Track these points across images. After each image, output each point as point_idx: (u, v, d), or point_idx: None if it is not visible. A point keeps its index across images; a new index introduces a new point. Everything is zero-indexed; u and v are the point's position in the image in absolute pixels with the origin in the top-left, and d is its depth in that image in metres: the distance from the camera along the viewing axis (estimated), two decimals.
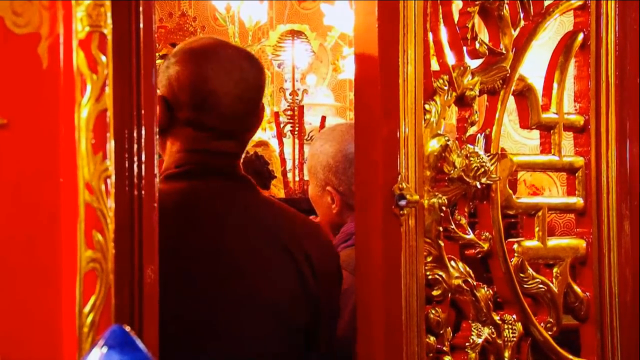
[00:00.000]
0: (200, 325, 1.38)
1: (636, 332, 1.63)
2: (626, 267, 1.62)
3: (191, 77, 1.44)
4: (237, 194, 1.48)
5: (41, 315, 0.95)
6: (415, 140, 1.38)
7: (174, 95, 1.45)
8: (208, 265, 1.40)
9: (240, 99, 1.45)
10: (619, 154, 1.62)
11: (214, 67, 1.45)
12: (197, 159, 1.45)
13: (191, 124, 1.44)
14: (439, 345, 1.41)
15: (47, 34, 0.95)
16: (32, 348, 0.95)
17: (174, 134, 1.47)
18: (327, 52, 4.78)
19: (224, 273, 1.41)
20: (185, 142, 1.46)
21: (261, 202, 1.51)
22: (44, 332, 0.95)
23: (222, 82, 1.44)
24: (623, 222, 1.62)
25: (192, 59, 1.47)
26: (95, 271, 0.93)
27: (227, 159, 1.48)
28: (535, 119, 1.59)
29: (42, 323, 0.95)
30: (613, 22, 1.63)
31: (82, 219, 0.93)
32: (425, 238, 1.40)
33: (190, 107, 1.44)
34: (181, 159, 1.46)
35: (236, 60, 1.48)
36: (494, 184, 1.48)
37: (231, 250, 1.42)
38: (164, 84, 1.47)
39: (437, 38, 1.45)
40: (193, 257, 1.40)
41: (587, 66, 1.63)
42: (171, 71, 1.46)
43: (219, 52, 1.49)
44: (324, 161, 1.89)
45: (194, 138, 1.45)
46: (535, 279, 1.54)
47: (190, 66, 1.46)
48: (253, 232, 1.45)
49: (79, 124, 0.93)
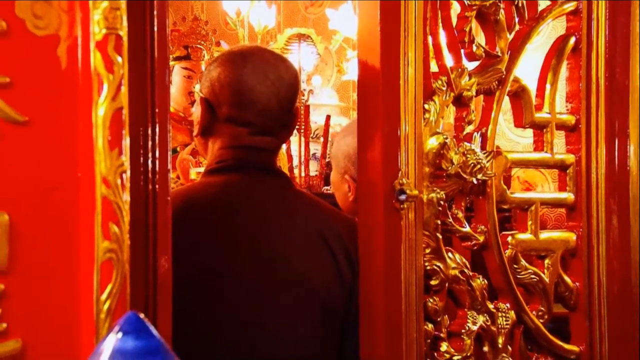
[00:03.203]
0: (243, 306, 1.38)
1: (623, 321, 1.63)
2: (614, 259, 1.62)
3: (230, 77, 1.46)
4: (273, 186, 1.49)
5: (61, 302, 0.95)
6: (415, 138, 1.38)
7: (215, 96, 1.47)
8: (246, 253, 1.40)
9: (276, 97, 1.46)
10: (608, 152, 1.62)
11: (252, 67, 1.46)
12: (236, 155, 1.46)
13: (231, 120, 1.46)
14: (436, 332, 1.41)
15: (66, 36, 0.95)
16: (52, 333, 0.95)
17: (215, 132, 1.49)
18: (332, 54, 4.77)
19: (262, 260, 1.40)
20: (225, 139, 1.47)
21: (296, 194, 1.52)
22: (63, 319, 0.95)
23: (259, 81, 1.45)
24: (611, 216, 1.62)
25: (232, 61, 1.49)
26: (111, 261, 0.93)
27: (264, 154, 1.49)
28: (529, 118, 1.59)
29: (61, 310, 0.95)
30: (603, 26, 1.62)
31: (99, 212, 0.93)
32: (424, 231, 1.39)
33: (230, 104, 1.46)
34: (222, 155, 1.47)
35: (272, 62, 1.50)
36: (489, 180, 1.48)
37: (268, 239, 1.42)
38: (207, 86, 1.49)
39: (436, 41, 1.45)
40: (231, 246, 1.40)
41: (579, 68, 1.63)
42: (213, 73, 1.48)
43: (256, 55, 1.51)
44: (345, 151, 1.90)
45: (234, 134, 1.46)
46: (528, 270, 1.54)
47: (230, 67, 1.48)
48: (290, 222, 1.46)
49: (96, 121, 0.93)
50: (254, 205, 1.45)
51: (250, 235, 1.41)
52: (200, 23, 3.74)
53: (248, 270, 1.39)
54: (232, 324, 1.36)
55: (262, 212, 1.44)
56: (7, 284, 0.92)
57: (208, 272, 1.37)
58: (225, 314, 1.36)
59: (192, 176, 2.98)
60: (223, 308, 1.35)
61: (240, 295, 1.38)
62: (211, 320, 1.35)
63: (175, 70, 3.48)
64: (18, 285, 0.93)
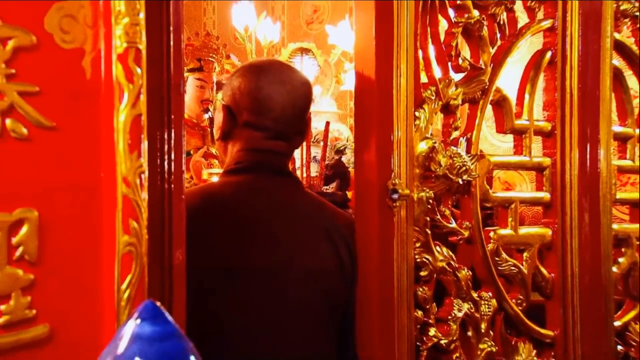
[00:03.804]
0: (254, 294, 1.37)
1: (593, 308, 1.63)
2: (586, 252, 1.62)
3: (250, 86, 1.45)
4: (285, 187, 1.48)
5: (85, 291, 0.94)
6: (407, 143, 1.38)
7: (236, 103, 1.46)
8: (258, 246, 1.40)
9: (290, 105, 1.45)
10: (581, 156, 1.62)
11: (269, 78, 1.46)
12: (252, 157, 1.45)
13: (249, 125, 1.45)
14: (425, 318, 1.41)
15: (90, 49, 0.94)
16: (77, 319, 0.94)
17: (235, 136, 1.47)
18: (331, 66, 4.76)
19: (272, 252, 1.40)
20: (244, 142, 1.46)
21: (305, 195, 1.52)
22: (87, 306, 0.94)
23: (275, 90, 1.44)
24: (583, 213, 1.62)
25: (252, 72, 1.48)
26: (131, 254, 0.93)
27: (278, 157, 1.48)
28: (509, 125, 1.58)
29: (86, 298, 0.94)
30: (576, 42, 1.62)
31: (120, 209, 0.92)
32: (415, 226, 1.39)
33: (249, 110, 1.45)
34: (240, 157, 1.46)
35: (288, 74, 1.50)
36: (473, 181, 1.47)
37: (279, 233, 1.42)
38: (229, 95, 1.49)
39: (425, 54, 1.44)
40: (245, 239, 1.39)
41: (554, 80, 1.63)
42: (234, 83, 1.48)
43: (274, 67, 1.51)
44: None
45: (251, 138, 1.45)
46: (508, 262, 1.53)
47: (250, 77, 1.47)
48: (297, 219, 1.45)
49: (117, 126, 0.93)
50: (267, 203, 1.44)
51: (262, 229, 1.41)
52: (212, 38, 3.74)
53: (259, 261, 1.39)
54: (243, 312, 1.35)
55: (274, 209, 1.44)
56: (37, 275, 0.92)
57: (223, 261, 1.36)
58: (237, 301, 1.35)
59: (204, 176, 2.98)
60: (236, 295, 1.35)
61: (252, 283, 1.38)
62: (224, 308, 1.34)
63: (189, 81, 3.48)
64: (46, 275, 0.92)
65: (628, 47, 1.79)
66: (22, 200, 0.91)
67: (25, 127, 0.91)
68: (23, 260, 0.91)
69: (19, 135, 0.91)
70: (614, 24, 1.70)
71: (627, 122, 1.79)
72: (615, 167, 1.71)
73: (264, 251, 1.39)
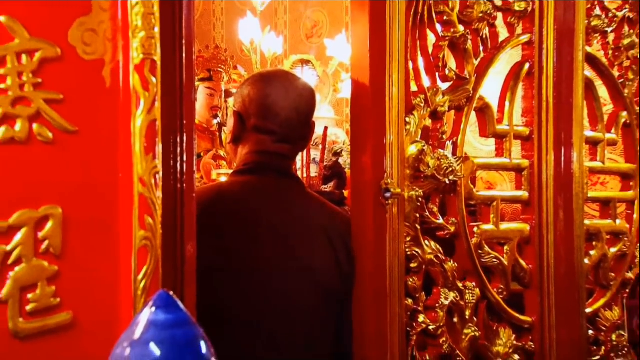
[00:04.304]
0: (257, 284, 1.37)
1: (567, 296, 1.62)
2: (561, 246, 1.61)
3: (259, 94, 1.45)
4: (287, 187, 1.47)
5: (105, 281, 0.94)
6: (398, 146, 1.37)
7: (245, 109, 1.46)
8: (261, 240, 1.39)
9: (295, 111, 1.45)
10: (556, 158, 1.62)
11: (276, 86, 1.45)
12: (259, 158, 1.44)
13: (257, 129, 1.44)
14: (415, 306, 1.40)
15: (109, 60, 0.94)
16: (97, 307, 0.94)
17: (244, 140, 1.47)
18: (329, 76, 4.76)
19: (274, 246, 1.39)
20: (252, 145, 1.46)
21: (306, 195, 1.51)
22: (106, 295, 0.94)
23: (281, 97, 1.44)
24: (558, 210, 1.62)
25: (260, 81, 1.48)
26: (146, 247, 0.92)
27: (282, 159, 1.47)
28: (492, 129, 1.58)
29: (105, 287, 0.94)
30: (552, 55, 1.62)
31: (136, 206, 0.92)
32: (405, 222, 1.39)
33: (257, 116, 1.44)
34: (248, 158, 1.46)
35: (293, 83, 1.49)
36: (459, 181, 1.47)
37: (280, 229, 1.41)
38: (239, 102, 1.48)
39: (415, 65, 1.44)
40: (249, 233, 1.39)
41: (532, 89, 1.62)
42: (244, 91, 1.47)
43: (280, 76, 1.51)
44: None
45: (259, 141, 1.44)
46: (490, 255, 1.53)
47: (259, 85, 1.47)
48: (298, 216, 1.44)
49: (134, 131, 0.92)
50: (270, 201, 1.43)
51: (266, 225, 1.40)
52: (221, 51, 3.74)
53: (259, 254, 1.38)
54: (241, 301, 1.34)
55: (275, 207, 1.43)
56: (61, 266, 0.91)
57: (228, 252, 1.36)
58: (237, 291, 1.34)
59: (213, 176, 2.97)
60: (236, 285, 1.34)
61: (252, 274, 1.37)
62: (224, 296, 1.34)
63: (200, 89, 3.47)
64: (69, 267, 0.92)
65: (598, 59, 1.79)
66: (47, 198, 0.91)
67: (51, 131, 0.91)
68: (48, 253, 0.91)
69: (44, 139, 0.91)
70: (586, 39, 1.70)
71: (598, 127, 1.79)
72: (587, 169, 1.71)
73: (265, 246, 1.38)
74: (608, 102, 1.85)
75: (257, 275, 1.36)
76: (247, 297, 1.35)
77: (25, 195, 0.89)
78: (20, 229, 0.89)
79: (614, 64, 1.83)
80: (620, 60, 1.84)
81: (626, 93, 1.83)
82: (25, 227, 0.89)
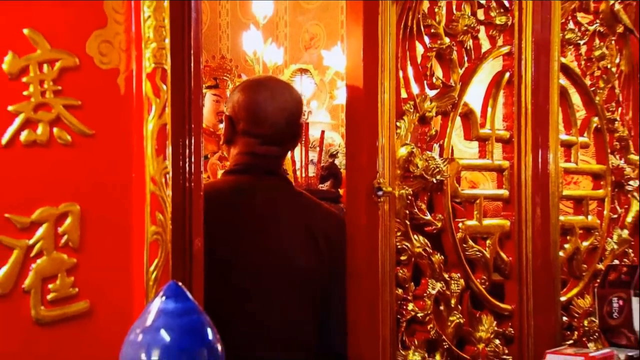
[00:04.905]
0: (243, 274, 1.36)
1: (543, 286, 1.62)
2: (538, 240, 1.61)
3: (247, 99, 1.44)
4: (274, 185, 1.46)
5: (119, 273, 0.94)
6: (389, 148, 1.37)
7: (235, 114, 1.45)
8: (247, 235, 1.38)
9: (282, 115, 1.44)
10: (534, 159, 1.62)
11: (263, 92, 1.45)
12: (247, 160, 1.44)
13: (246, 133, 1.44)
14: (405, 295, 1.39)
15: (124, 69, 0.94)
16: (112, 296, 0.94)
17: (235, 142, 1.46)
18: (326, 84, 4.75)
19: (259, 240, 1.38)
20: (241, 147, 1.45)
21: (292, 192, 1.50)
22: (121, 285, 0.94)
23: (268, 103, 1.43)
24: (536, 208, 1.61)
25: (249, 88, 1.48)
26: (158, 241, 0.92)
27: (269, 160, 1.46)
28: (475, 133, 1.57)
29: (119, 278, 0.94)
30: (530, 65, 1.62)
31: (148, 203, 0.92)
32: (396, 219, 1.38)
33: (245, 120, 1.44)
34: (238, 159, 1.46)
35: (280, 88, 1.49)
36: (445, 180, 1.46)
37: (265, 224, 1.40)
38: (230, 107, 1.47)
39: (405, 74, 1.43)
40: (237, 228, 1.38)
41: (512, 96, 1.62)
42: (234, 97, 1.47)
43: (267, 83, 1.51)
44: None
45: (247, 144, 1.44)
46: (474, 248, 1.52)
47: (247, 92, 1.46)
48: (282, 213, 1.43)
49: (146, 134, 0.92)
50: (255, 198, 1.43)
51: (252, 220, 1.39)
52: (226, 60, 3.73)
53: (243, 247, 1.37)
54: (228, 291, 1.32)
55: (263, 204, 1.42)
56: (79, 259, 0.91)
57: (222, 243, 1.34)
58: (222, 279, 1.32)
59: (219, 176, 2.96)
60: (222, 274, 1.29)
61: (237, 265, 1.36)
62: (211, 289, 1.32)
63: (207, 96, 3.47)
64: (87, 259, 0.92)
65: (572, 69, 1.79)
66: (66, 196, 0.90)
67: (70, 134, 0.91)
68: (67, 247, 0.90)
69: (64, 141, 0.90)
70: (561, 50, 1.70)
71: (571, 131, 1.79)
72: (562, 169, 1.70)
73: (247, 240, 1.37)
74: (581, 108, 1.85)
75: (241, 264, 1.36)
76: (229, 288, 1.33)
77: (46, 194, 0.89)
78: (41, 225, 0.88)
79: (586, 74, 1.83)
80: (592, 70, 1.84)
81: (597, 100, 1.84)
82: (46, 223, 0.89)
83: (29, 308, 0.87)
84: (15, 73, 0.87)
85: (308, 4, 5.43)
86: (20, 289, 0.87)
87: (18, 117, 0.87)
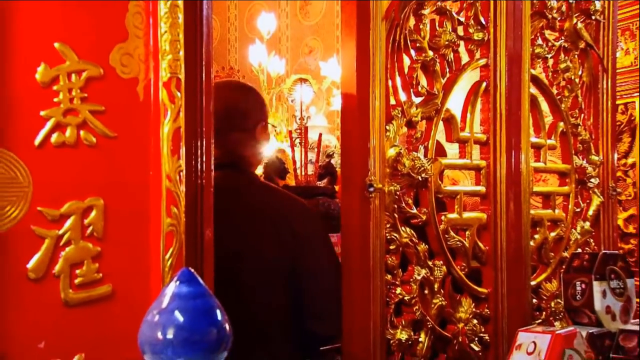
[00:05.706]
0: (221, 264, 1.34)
1: (516, 271, 1.63)
2: (511, 231, 1.61)
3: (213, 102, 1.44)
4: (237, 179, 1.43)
5: (138, 260, 0.93)
6: (380, 149, 1.36)
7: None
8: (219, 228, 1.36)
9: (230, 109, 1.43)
10: (507, 159, 1.62)
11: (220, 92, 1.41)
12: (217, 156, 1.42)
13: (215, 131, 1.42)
14: (393, 280, 1.39)
15: (143, 78, 0.93)
16: (132, 281, 0.93)
17: None
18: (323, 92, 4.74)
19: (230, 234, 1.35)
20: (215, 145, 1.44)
21: (258, 186, 1.46)
22: (140, 271, 0.93)
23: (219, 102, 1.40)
24: (509, 202, 1.61)
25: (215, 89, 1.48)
26: (172, 232, 0.92)
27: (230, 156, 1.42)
28: (456, 136, 1.57)
29: (139, 265, 0.93)
30: (504, 76, 1.62)
31: (164, 198, 0.91)
32: (386, 212, 1.38)
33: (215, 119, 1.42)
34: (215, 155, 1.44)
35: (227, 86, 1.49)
36: (429, 178, 1.46)
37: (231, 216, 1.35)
38: None
39: (394, 83, 1.43)
40: None
41: (488, 103, 1.62)
42: None
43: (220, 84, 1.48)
44: None
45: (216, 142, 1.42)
46: (455, 238, 1.52)
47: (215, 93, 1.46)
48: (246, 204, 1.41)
49: (162, 136, 0.92)
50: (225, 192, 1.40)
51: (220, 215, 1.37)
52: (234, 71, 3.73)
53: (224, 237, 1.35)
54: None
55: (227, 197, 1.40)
56: (102, 247, 0.91)
57: None
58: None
59: None
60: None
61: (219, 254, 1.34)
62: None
63: None
64: (110, 248, 0.91)
65: (541, 80, 1.79)
66: (91, 191, 0.90)
67: (94, 137, 0.90)
68: (92, 237, 0.90)
69: (89, 143, 0.90)
70: (531, 63, 1.70)
71: (540, 134, 1.79)
72: (532, 168, 1.70)
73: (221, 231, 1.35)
74: (548, 114, 1.85)
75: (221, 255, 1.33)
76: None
77: (73, 189, 0.89)
78: (69, 217, 0.88)
79: (553, 84, 1.83)
80: (558, 81, 1.84)
81: (563, 107, 1.84)
82: (73, 215, 0.88)
83: (59, 291, 0.87)
84: (47, 82, 0.86)
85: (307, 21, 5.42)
86: (51, 274, 0.87)
87: (49, 121, 0.87)
